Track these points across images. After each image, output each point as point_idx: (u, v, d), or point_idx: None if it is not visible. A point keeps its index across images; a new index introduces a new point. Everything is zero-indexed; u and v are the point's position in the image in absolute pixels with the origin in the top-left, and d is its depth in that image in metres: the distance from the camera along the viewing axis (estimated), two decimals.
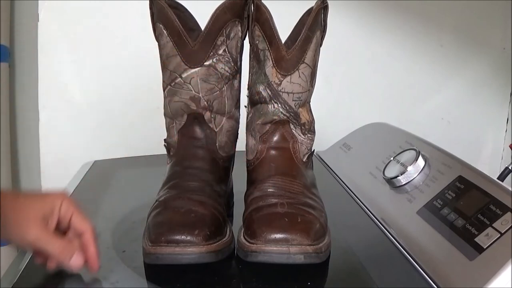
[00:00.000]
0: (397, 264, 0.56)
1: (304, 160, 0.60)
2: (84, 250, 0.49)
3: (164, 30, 0.57)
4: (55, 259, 0.47)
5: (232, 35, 0.58)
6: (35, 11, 1.06)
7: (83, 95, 1.12)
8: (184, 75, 0.58)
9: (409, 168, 0.67)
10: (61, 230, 0.50)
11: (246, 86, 0.62)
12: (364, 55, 1.21)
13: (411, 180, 0.67)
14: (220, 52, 0.58)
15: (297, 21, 0.61)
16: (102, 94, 1.12)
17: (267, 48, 0.56)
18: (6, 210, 0.45)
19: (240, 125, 0.64)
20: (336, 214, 0.64)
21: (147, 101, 1.06)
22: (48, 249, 0.46)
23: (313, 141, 0.62)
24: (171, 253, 0.49)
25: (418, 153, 0.68)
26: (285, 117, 0.58)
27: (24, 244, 0.46)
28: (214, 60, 0.58)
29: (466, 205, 0.55)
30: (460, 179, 0.60)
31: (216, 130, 0.61)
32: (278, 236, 0.49)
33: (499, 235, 0.48)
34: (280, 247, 0.49)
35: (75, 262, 0.47)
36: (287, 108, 0.58)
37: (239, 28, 0.59)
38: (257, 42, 0.57)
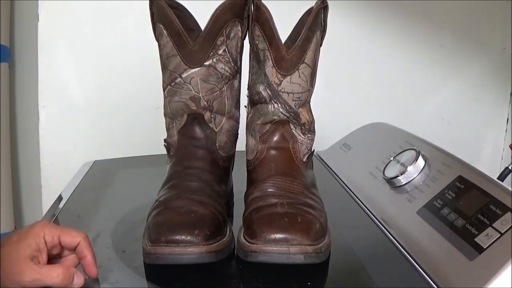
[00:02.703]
0: (397, 264, 0.56)
1: (304, 160, 0.60)
2: (80, 259, 0.49)
3: (164, 30, 0.57)
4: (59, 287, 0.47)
5: (232, 35, 0.58)
6: (35, 11, 1.06)
7: (83, 95, 1.12)
8: (184, 75, 0.58)
9: (409, 168, 0.67)
10: (56, 254, 0.49)
11: (246, 86, 0.62)
12: (364, 55, 1.21)
13: (411, 180, 0.67)
14: (220, 52, 0.58)
15: (297, 21, 0.61)
16: (102, 94, 1.12)
17: (267, 48, 0.56)
18: None
19: (240, 125, 0.64)
20: (336, 214, 0.64)
21: (147, 101, 1.06)
22: (48, 283, 0.45)
23: (313, 141, 0.62)
24: (171, 253, 0.49)
25: (418, 153, 0.68)
26: (285, 117, 0.58)
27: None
28: (214, 60, 0.58)
29: (466, 205, 0.55)
30: (460, 179, 0.60)
31: (216, 130, 0.61)
32: (278, 236, 0.49)
33: (499, 235, 0.48)
34: (280, 247, 0.49)
35: (77, 283, 0.47)
36: (287, 108, 0.58)
37: (239, 28, 0.59)
38: (257, 42, 0.57)
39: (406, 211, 0.63)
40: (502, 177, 0.79)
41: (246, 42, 0.61)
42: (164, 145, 0.64)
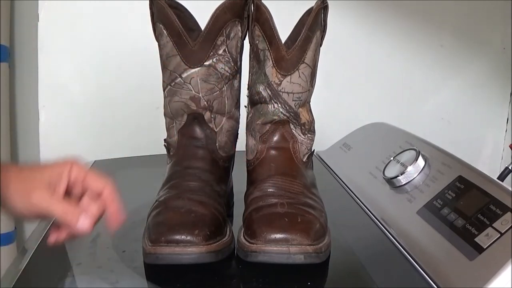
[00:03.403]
0: (397, 264, 0.56)
1: (304, 160, 0.60)
2: (106, 207, 0.47)
3: (164, 30, 0.57)
4: (63, 224, 0.45)
5: (232, 35, 0.58)
6: (35, 11, 1.06)
7: (83, 95, 1.12)
8: (184, 75, 0.58)
9: (409, 168, 0.67)
10: (76, 195, 0.48)
11: (246, 86, 0.62)
12: (364, 55, 1.21)
13: (411, 180, 0.67)
14: (220, 52, 0.58)
15: (297, 21, 0.61)
16: (102, 94, 1.12)
17: (267, 48, 0.56)
18: (11, 180, 0.44)
19: (240, 125, 0.64)
20: (336, 214, 0.64)
21: (147, 101, 1.06)
22: (51, 211, 0.44)
23: (313, 141, 0.62)
24: (171, 253, 0.49)
25: (418, 153, 0.68)
26: (285, 117, 0.58)
27: (28, 211, 0.44)
28: (214, 60, 0.58)
29: (466, 205, 0.55)
30: (460, 179, 0.60)
31: (216, 130, 0.61)
32: (278, 236, 0.49)
33: (499, 235, 0.48)
34: (280, 247, 0.49)
35: (82, 225, 0.45)
36: (287, 108, 0.58)
37: (239, 28, 0.59)
38: (257, 42, 0.57)
39: (406, 211, 0.63)
40: (502, 177, 0.79)
41: (246, 42, 0.61)
42: (164, 145, 0.64)
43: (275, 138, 0.59)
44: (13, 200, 0.44)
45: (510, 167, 0.80)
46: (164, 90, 0.61)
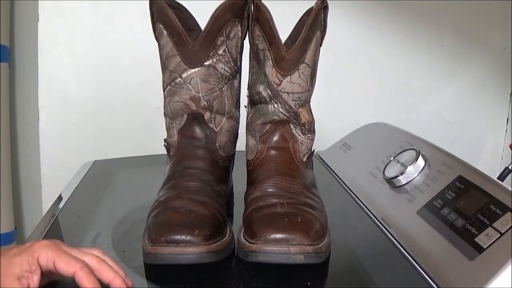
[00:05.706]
0: (397, 264, 0.56)
1: (304, 160, 0.60)
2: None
3: (164, 30, 0.57)
4: None
5: (232, 35, 0.58)
6: (35, 11, 1.06)
7: (83, 95, 1.12)
8: (184, 75, 0.58)
9: (409, 168, 0.67)
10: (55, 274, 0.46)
11: (246, 86, 0.62)
12: (364, 55, 1.21)
13: (411, 180, 0.67)
14: (220, 52, 0.58)
15: (297, 21, 0.61)
16: (102, 94, 1.12)
17: (267, 48, 0.56)
18: None
19: (240, 125, 0.64)
20: (336, 214, 0.64)
21: (147, 101, 1.06)
22: None
23: (313, 141, 0.62)
24: (171, 253, 0.49)
25: (418, 153, 0.68)
26: (285, 117, 0.58)
27: None
28: (214, 60, 0.58)
29: (466, 205, 0.55)
30: (460, 179, 0.60)
31: (216, 130, 0.61)
32: (278, 236, 0.49)
33: (499, 235, 0.48)
34: (280, 247, 0.49)
35: None
36: (287, 108, 0.58)
37: (239, 28, 0.59)
38: (257, 42, 0.57)
39: (406, 211, 0.63)
40: (502, 177, 0.79)
41: (246, 42, 0.61)
42: (164, 145, 0.64)
43: (275, 138, 0.59)
44: None
45: (510, 167, 0.80)
46: (164, 90, 0.61)
